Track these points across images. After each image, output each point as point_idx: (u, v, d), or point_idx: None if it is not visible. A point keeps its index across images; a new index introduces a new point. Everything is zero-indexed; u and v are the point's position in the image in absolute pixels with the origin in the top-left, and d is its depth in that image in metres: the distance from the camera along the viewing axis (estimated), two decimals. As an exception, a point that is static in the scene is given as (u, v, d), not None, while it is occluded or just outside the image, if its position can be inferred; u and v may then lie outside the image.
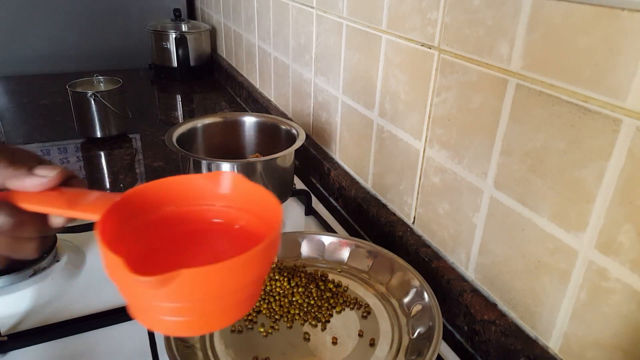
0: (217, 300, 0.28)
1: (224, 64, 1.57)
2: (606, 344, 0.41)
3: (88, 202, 0.31)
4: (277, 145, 0.78)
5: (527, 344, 0.48)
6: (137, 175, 0.98)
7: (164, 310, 0.28)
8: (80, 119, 1.09)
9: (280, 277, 0.57)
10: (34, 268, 0.62)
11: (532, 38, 0.43)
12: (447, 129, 0.57)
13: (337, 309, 0.54)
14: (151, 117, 1.32)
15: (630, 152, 0.37)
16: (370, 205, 0.74)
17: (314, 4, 0.86)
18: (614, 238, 0.39)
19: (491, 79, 0.49)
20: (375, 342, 0.50)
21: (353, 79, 0.77)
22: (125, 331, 0.55)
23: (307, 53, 0.93)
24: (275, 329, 0.52)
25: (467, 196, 0.55)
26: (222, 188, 0.33)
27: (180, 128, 0.75)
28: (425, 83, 0.59)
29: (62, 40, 1.69)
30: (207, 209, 0.34)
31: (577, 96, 0.40)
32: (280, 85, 1.12)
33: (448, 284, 0.57)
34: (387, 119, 0.69)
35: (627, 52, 0.36)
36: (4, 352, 0.52)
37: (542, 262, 0.46)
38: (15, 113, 1.31)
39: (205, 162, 0.68)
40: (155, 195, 0.33)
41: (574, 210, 0.42)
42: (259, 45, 1.23)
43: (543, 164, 0.44)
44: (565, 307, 0.44)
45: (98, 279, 0.64)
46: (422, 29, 0.58)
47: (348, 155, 0.83)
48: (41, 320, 0.56)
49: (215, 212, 0.34)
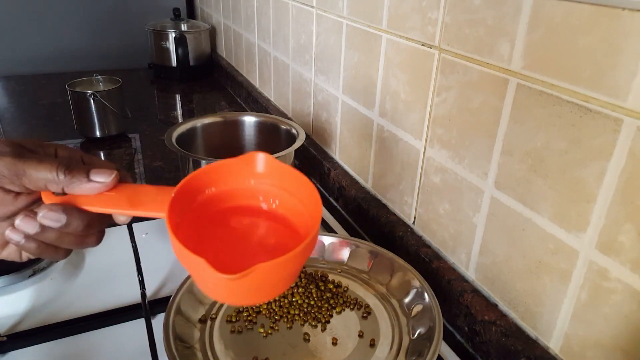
0: (277, 284, 0.33)
1: (223, 63, 1.57)
2: (607, 344, 0.41)
3: (148, 200, 0.34)
4: (277, 145, 0.78)
5: (527, 344, 0.48)
6: (137, 175, 0.98)
7: (229, 294, 0.33)
8: (79, 118, 1.09)
9: (280, 277, 0.57)
10: (33, 268, 0.62)
11: (532, 38, 0.43)
12: (448, 128, 0.56)
13: (337, 309, 0.54)
14: (151, 117, 1.32)
15: (631, 152, 0.37)
16: (370, 205, 0.73)
17: (314, 4, 0.86)
18: (615, 238, 0.39)
19: (492, 79, 0.49)
20: (376, 343, 0.50)
21: (353, 79, 0.77)
22: (125, 331, 0.55)
23: (307, 52, 0.92)
24: (275, 329, 0.51)
25: (467, 196, 0.55)
26: (257, 167, 0.37)
27: (180, 128, 0.75)
28: (426, 83, 0.59)
29: (61, 40, 1.69)
30: (246, 187, 0.37)
31: (577, 96, 0.40)
32: (280, 85, 1.12)
33: (448, 284, 0.57)
34: (388, 119, 0.69)
35: (627, 51, 0.36)
36: (3, 352, 0.52)
37: (543, 262, 0.46)
38: (14, 113, 1.31)
39: (204, 162, 0.67)
40: (200, 183, 0.36)
41: (574, 210, 0.42)
42: (258, 44, 1.23)
43: (544, 163, 0.44)
44: (566, 308, 0.44)
45: (97, 279, 0.64)
46: (422, 28, 0.58)
47: (348, 155, 0.83)
48: (41, 320, 0.56)
49: (253, 189, 0.37)
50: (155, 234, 0.74)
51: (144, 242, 0.70)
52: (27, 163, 0.32)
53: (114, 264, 0.67)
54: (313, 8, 0.86)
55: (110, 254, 0.69)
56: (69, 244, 0.34)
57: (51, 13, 1.64)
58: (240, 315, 0.53)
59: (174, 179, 0.94)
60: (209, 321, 0.52)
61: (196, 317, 0.52)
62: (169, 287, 0.62)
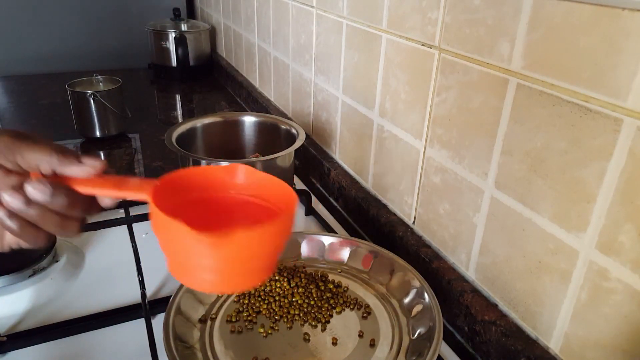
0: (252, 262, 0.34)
1: (223, 63, 1.57)
2: (607, 344, 0.41)
3: (133, 184, 0.36)
4: (277, 145, 0.78)
5: (527, 344, 0.48)
6: (137, 175, 0.98)
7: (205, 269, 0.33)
8: (79, 118, 1.09)
9: (280, 277, 0.57)
10: (33, 268, 0.62)
11: (532, 38, 0.43)
12: (448, 128, 0.56)
13: (337, 309, 0.54)
14: (150, 117, 1.32)
15: (631, 152, 0.37)
16: (370, 205, 0.73)
17: (313, 4, 0.86)
18: (615, 238, 0.39)
19: (492, 79, 0.49)
20: (376, 343, 0.50)
21: (353, 79, 0.77)
22: (125, 331, 0.55)
23: (307, 52, 0.92)
24: (275, 329, 0.51)
25: (467, 196, 0.55)
26: (238, 179, 0.39)
27: (180, 128, 0.75)
28: (426, 83, 0.59)
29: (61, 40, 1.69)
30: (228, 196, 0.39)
31: (577, 96, 0.40)
32: (280, 85, 1.12)
33: (448, 284, 0.57)
34: (388, 119, 0.69)
35: (627, 51, 0.36)
36: (3, 352, 0.52)
37: (543, 262, 0.46)
38: (14, 113, 1.31)
39: (204, 162, 0.67)
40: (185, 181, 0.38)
41: (574, 210, 0.42)
42: (258, 44, 1.23)
43: (544, 163, 0.44)
44: (566, 308, 0.44)
45: (97, 279, 0.64)
46: (422, 28, 0.58)
47: (348, 155, 0.83)
48: (41, 320, 0.56)
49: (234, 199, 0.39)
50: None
51: (144, 242, 0.70)
52: (24, 142, 0.34)
53: (114, 264, 0.67)
54: (313, 8, 0.86)
55: (110, 254, 0.69)
56: (50, 225, 0.35)
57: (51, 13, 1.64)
58: (240, 315, 0.53)
59: (174, 179, 0.94)
60: (209, 321, 0.52)
61: (196, 317, 0.52)
62: (169, 287, 0.62)
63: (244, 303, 0.54)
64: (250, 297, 0.55)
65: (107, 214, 0.78)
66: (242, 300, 0.55)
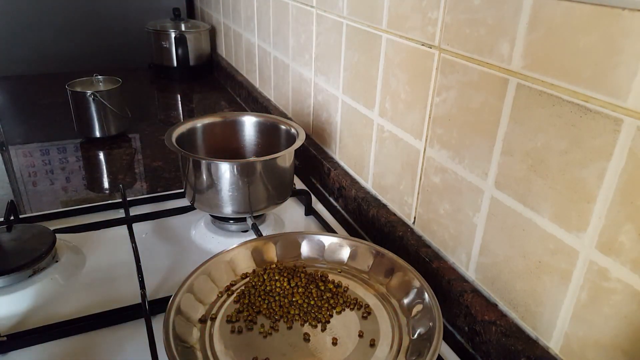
0: None
1: (223, 63, 1.57)
2: (607, 344, 0.41)
3: None
4: (277, 145, 0.78)
5: (527, 344, 0.48)
6: (137, 175, 0.98)
7: None
8: (79, 118, 1.09)
9: (280, 277, 0.57)
10: (33, 268, 0.62)
11: (532, 38, 0.43)
12: (448, 128, 0.56)
13: (337, 309, 0.54)
14: (151, 117, 1.32)
15: (631, 152, 0.37)
16: (370, 205, 0.73)
17: (313, 3, 0.86)
18: (615, 238, 0.39)
19: (492, 79, 0.49)
20: (376, 343, 0.50)
21: (353, 79, 0.77)
22: (125, 331, 0.55)
23: (307, 52, 0.92)
24: (275, 329, 0.51)
25: (467, 196, 0.55)
26: None
27: (180, 128, 0.75)
28: (426, 83, 0.59)
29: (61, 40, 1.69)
30: None
31: (577, 96, 0.40)
32: (280, 85, 1.12)
33: (448, 284, 0.57)
34: (387, 119, 0.69)
35: (627, 51, 0.36)
36: (3, 352, 0.52)
37: (543, 262, 0.46)
38: (14, 113, 1.31)
39: (204, 162, 0.67)
40: None
41: (574, 210, 0.42)
42: (258, 44, 1.23)
43: (544, 163, 0.44)
44: (566, 308, 0.44)
45: (98, 279, 0.64)
46: (422, 28, 0.58)
47: (348, 155, 0.83)
48: (41, 320, 0.56)
49: None
50: (155, 234, 0.74)
51: (144, 242, 0.70)
52: None
53: (114, 264, 0.67)
54: (313, 8, 0.86)
55: (110, 254, 0.69)
56: None
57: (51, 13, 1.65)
58: (240, 315, 0.53)
59: (174, 179, 0.94)
60: (209, 321, 0.52)
61: (196, 317, 0.52)
62: (169, 287, 0.62)
63: (244, 303, 0.54)
64: (250, 297, 0.55)
65: (107, 214, 0.78)
66: (242, 300, 0.55)
